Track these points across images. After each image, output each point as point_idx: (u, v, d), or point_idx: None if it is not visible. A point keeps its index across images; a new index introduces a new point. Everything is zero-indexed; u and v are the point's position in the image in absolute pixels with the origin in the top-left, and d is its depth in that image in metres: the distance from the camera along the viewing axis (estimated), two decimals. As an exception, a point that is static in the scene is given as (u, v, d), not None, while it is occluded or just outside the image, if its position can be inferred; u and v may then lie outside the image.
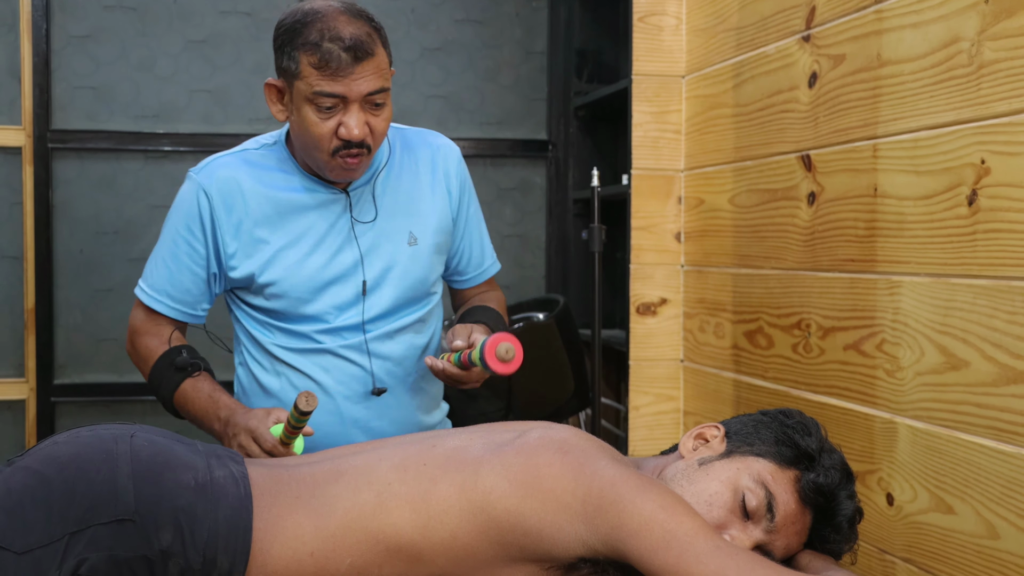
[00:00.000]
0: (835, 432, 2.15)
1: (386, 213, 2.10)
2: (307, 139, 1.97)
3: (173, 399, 2.06)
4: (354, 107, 1.92)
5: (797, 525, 1.63)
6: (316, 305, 2.07)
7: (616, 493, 1.50)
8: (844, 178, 2.16)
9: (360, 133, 1.92)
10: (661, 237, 2.88)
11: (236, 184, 2.04)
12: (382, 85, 1.93)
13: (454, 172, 2.17)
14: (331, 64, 1.87)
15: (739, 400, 2.58)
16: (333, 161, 1.97)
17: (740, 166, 2.58)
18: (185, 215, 2.06)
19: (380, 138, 1.99)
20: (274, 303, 2.07)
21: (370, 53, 1.89)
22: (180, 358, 2.07)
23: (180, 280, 2.07)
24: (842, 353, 2.17)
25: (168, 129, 3.96)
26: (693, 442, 1.72)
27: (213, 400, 2.02)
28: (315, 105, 1.91)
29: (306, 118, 1.93)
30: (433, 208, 2.14)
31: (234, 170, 2.06)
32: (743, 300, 2.57)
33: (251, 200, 2.04)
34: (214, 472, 1.58)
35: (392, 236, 2.09)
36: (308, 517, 1.55)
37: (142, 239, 3.94)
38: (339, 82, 1.89)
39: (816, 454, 1.65)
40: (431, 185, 2.14)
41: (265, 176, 2.06)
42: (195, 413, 2.03)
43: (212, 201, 2.03)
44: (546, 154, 4.27)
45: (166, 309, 2.10)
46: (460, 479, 1.58)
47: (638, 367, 2.88)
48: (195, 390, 2.04)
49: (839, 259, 2.18)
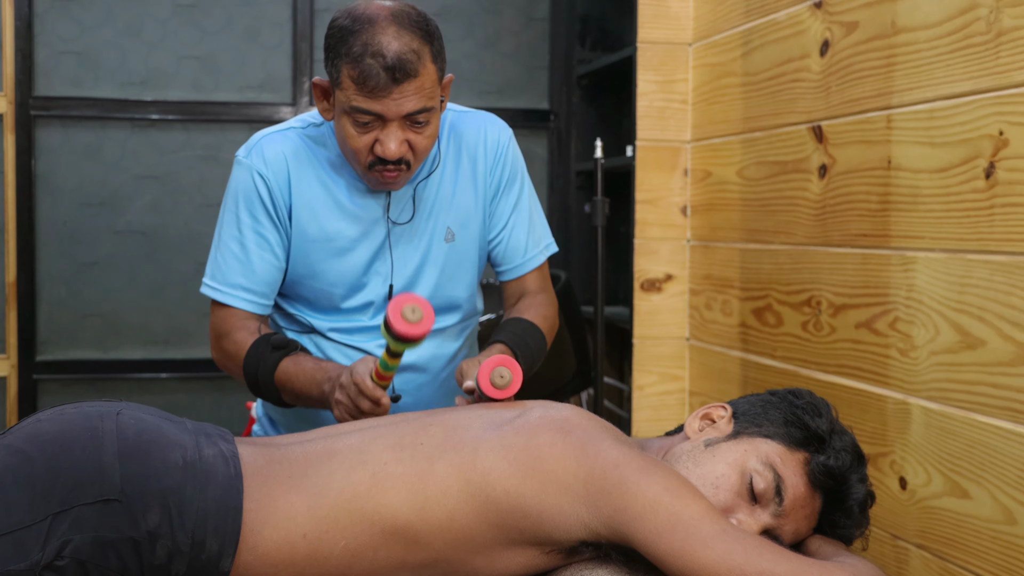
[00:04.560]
0: (846, 413, 2.15)
1: (424, 212, 2.06)
2: (345, 149, 1.96)
3: (274, 378, 1.99)
4: (392, 125, 1.88)
5: (806, 509, 1.63)
6: (336, 305, 2.06)
7: (620, 474, 1.50)
8: (857, 150, 2.15)
9: (396, 152, 1.89)
10: (666, 211, 2.87)
11: (285, 164, 2.02)
12: (424, 105, 1.87)
13: (501, 157, 2.12)
14: (369, 82, 1.83)
15: (747, 380, 2.59)
16: (371, 173, 1.94)
17: (749, 137, 2.57)
18: (246, 201, 2.02)
19: (423, 155, 1.95)
20: (297, 293, 2.07)
21: (412, 74, 1.83)
22: (276, 337, 2.01)
23: (254, 271, 2.03)
24: (854, 331, 2.17)
25: (155, 97, 3.94)
26: (699, 423, 1.72)
27: (320, 367, 1.96)
28: (352, 119, 1.88)
29: (344, 129, 1.91)
30: (476, 202, 2.10)
31: (282, 148, 2.02)
32: (751, 276, 2.57)
33: (295, 184, 2.02)
34: (203, 451, 1.58)
35: (426, 234, 2.07)
36: (301, 497, 1.55)
37: (128, 210, 3.94)
38: (377, 101, 1.85)
39: (826, 436, 1.65)
40: (475, 178, 2.10)
41: (309, 162, 2.03)
42: (300, 387, 1.97)
43: (269, 182, 2.00)
44: (547, 124, 4.26)
45: (246, 304, 2.04)
46: (458, 459, 1.58)
47: (642, 345, 2.88)
48: (297, 364, 1.98)
49: (851, 234, 2.18)
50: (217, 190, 3.93)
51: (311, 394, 1.95)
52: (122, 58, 3.90)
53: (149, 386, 4.01)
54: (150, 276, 3.98)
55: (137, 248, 3.96)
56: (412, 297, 1.71)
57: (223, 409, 4.03)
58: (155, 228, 3.97)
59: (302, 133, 2.05)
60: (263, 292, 2.05)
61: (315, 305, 2.08)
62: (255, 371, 2.00)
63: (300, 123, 2.08)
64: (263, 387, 2.00)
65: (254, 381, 2.01)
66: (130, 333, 3.99)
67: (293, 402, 2.01)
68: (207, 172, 3.98)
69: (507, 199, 2.14)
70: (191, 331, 4.00)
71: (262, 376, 1.99)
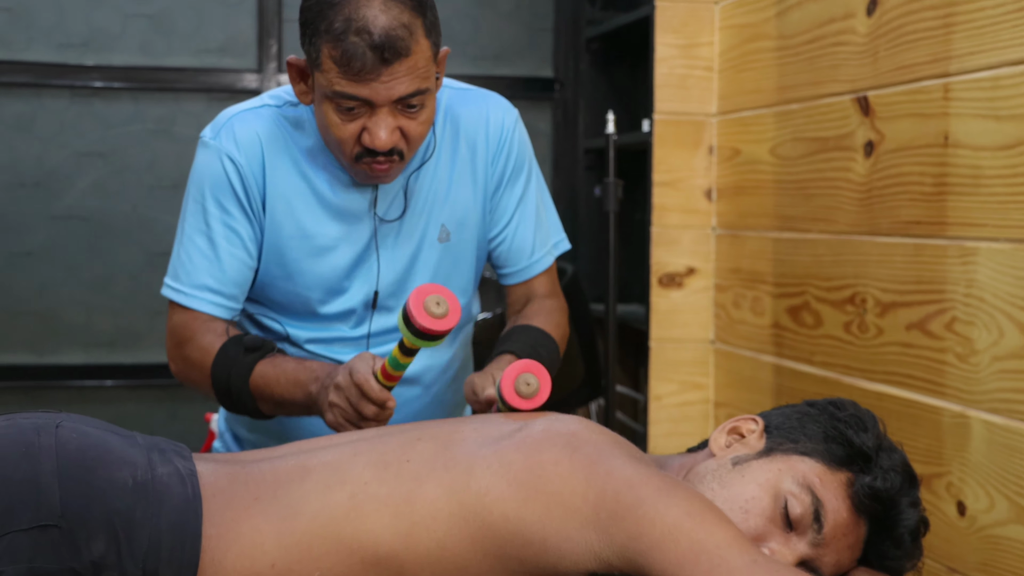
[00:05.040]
0: (895, 427, 2.16)
1: (416, 207, 2.06)
2: (328, 138, 1.95)
3: (249, 384, 1.97)
4: (382, 111, 1.87)
5: (849, 537, 1.64)
6: (313, 310, 2.06)
7: (635, 496, 1.50)
8: (909, 124, 2.16)
9: (388, 141, 1.88)
10: (689, 195, 2.88)
11: (259, 147, 2.01)
12: (417, 87, 1.86)
13: (505, 144, 2.11)
14: (354, 63, 1.82)
15: (780, 389, 2.59)
16: (358, 166, 1.94)
17: (784, 110, 2.58)
18: (214, 189, 2.01)
19: (417, 143, 1.95)
20: (269, 296, 2.07)
21: (403, 53, 1.82)
22: (249, 337, 1.99)
23: (224, 270, 2.02)
24: (904, 333, 2.17)
25: (99, 61, 3.94)
26: (726, 438, 1.73)
27: (304, 366, 1.95)
28: (336, 105, 1.87)
29: (327, 116, 1.90)
30: (475, 196, 2.11)
31: (256, 128, 2.02)
32: (786, 270, 2.57)
33: (270, 171, 2.01)
34: (156, 469, 1.58)
35: (417, 233, 2.07)
36: (269, 522, 1.56)
37: (68, 193, 3.94)
38: (364, 85, 1.84)
39: (872, 453, 1.65)
40: (474, 168, 2.10)
41: (285, 147, 2.03)
42: (282, 391, 1.96)
43: (241, 168, 2.00)
44: (552, 95, 4.27)
45: (213, 307, 2.03)
46: (450, 479, 1.58)
47: (660, 349, 2.89)
48: (276, 366, 1.97)
49: (901, 221, 2.18)
50: (171, 169, 3.94)
51: (295, 399, 1.94)
52: (59, 16, 3.90)
53: (93, 395, 4.02)
54: (93, 268, 3.98)
55: (78, 236, 3.96)
56: (435, 288, 1.73)
57: (179, 421, 4.04)
58: (99, 213, 3.97)
59: (278, 113, 2.04)
60: (232, 294, 2.04)
61: (289, 311, 2.09)
62: (226, 378, 1.98)
63: (275, 100, 2.06)
64: (237, 396, 1.99)
65: (226, 390, 1.99)
66: (70, 334, 3.99)
67: (273, 411, 2.01)
68: (159, 149, 3.98)
69: (511, 193, 2.14)
70: (141, 332, 4.01)
71: (235, 383, 1.98)
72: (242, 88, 3.98)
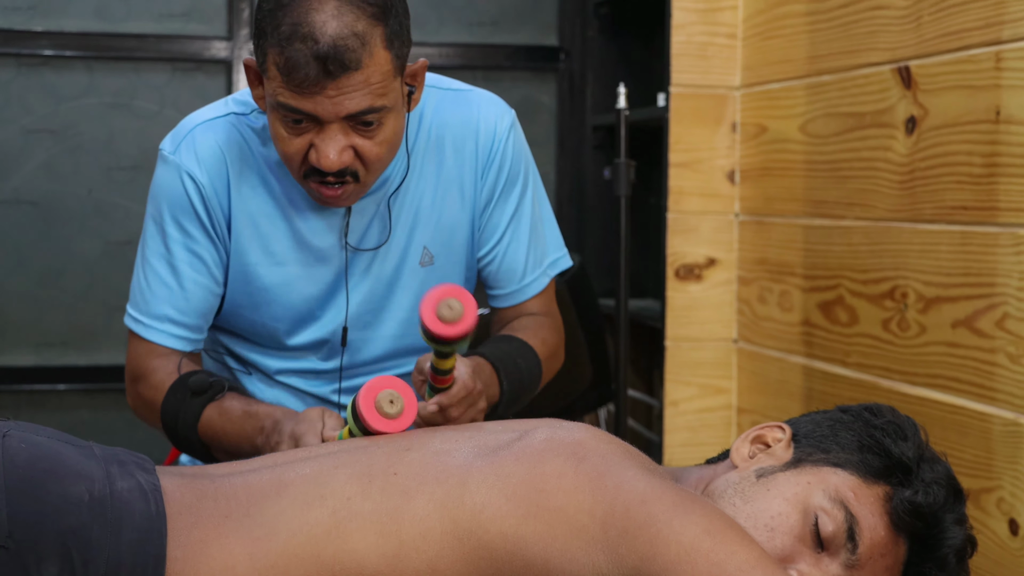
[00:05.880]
0: (939, 436, 2.16)
1: (397, 231, 2.06)
2: (278, 151, 1.93)
3: (198, 432, 2.00)
4: (332, 128, 1.85)
5: (887, 559, 1.64)
6: (281, 342, 2.08)
7: (647, 513, 1.50)
8: (956, 98, 2.16)
9: (336, 162, 1.85)
10: (709, 177, 2.88)
11: (223, 161, 2.01)
12: (370, 104, 1.83)
13: (497, 153, 2.10)
14: (294, 74, 1.79)
15: (811, 393, 2.59)
16: (307, 184, 1.93)
17: (816, 82, 2.58)
18: (173, 210, 2.01)
19: (377, 166, 1.92)
20: (232, 324, 2.08)
21: (351, 66, 1.79)
22: (194, 378, 2.00)
23: (186, 299, 2.03)
24: (950, 332, 2.17)
25: (48, 27, 3.94)
26: (750, 447, 1.73)
27: (250, 414, 1.96)
28: (281, 116, 1.86)
29: (273, 128, 1.89)
30: (463, 212, 2.10)
31: (217, 140, 2.01)
32: (818, 261, 2.58)
33: (235, 188, 2.01)
34: (115, 483, 1.58)
35: (395, 257, 2.06)
36: (241, 542, 1.56)
37: (14, 174, 3.93)
38: (307, 99, 1.81)
39: (913, 464, 1.66)
40: (461, 182, 2.09)
41: (252, 161, 2.02)
42: (230, 441, 1.98)
43: (203, 187, 2.00)
44: (556, 65, 4.26)
45: (172, 340, 2.05)
46: (442, 493, 1.58)
47: (677, 349, 2.89)
48: (223, 413, 1.98)
49: (947, 206, 2.18)
50: (130, 148, 3.93)
51: (242, 448, 1.96)
52: (7, -23, 3.90)
53: (43, 400, 4.01)
54: (44, 259, 3.98)
55: (26, 223, 3.96)
56: (448, 290, 1.70)
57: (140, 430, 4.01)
58: (50, 197, 3.96)
59: (244, 122, 2.04)
60: (195, 324, 2.06)
61: (253, 341, 2.10)
62: (174, 424, 2.02)
63: (242, 107, 2.06)
64: (187, 445, 2.03)
65: (175, 437, 2.03)
66: (17, 333, 3.99)
67: (226, 458, 2.00)
68: (117, 125, 3.97)
69: (503, 208, 2.12)
70: (97, 330, 4.01)
71: (183, 431, 2.01)
72: (210, 58, 3.96)
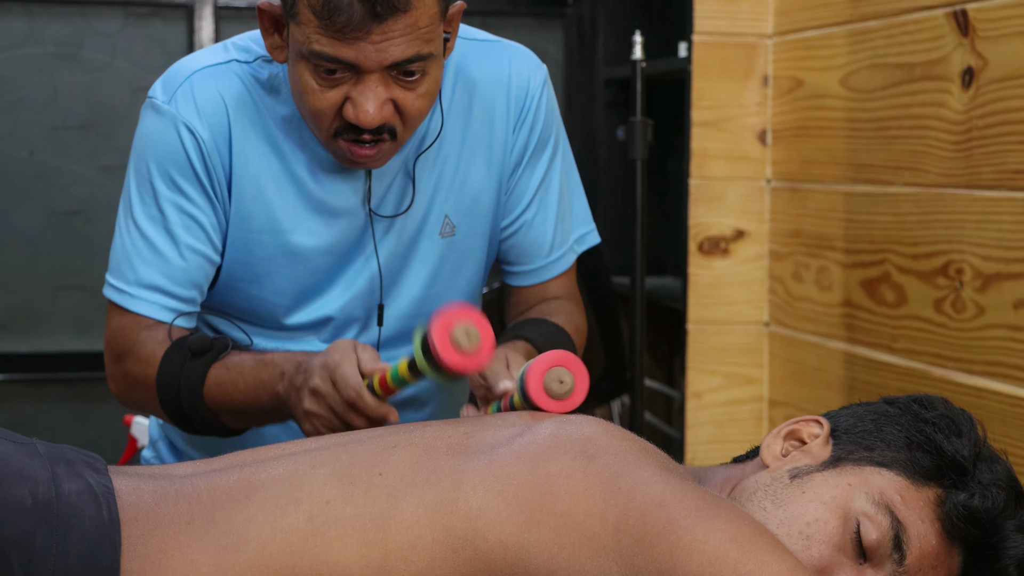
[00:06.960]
0: (999, 432, 2.16)
1: (421, 198, 2.07)
2: (302, 107, 1.94)
3: (203, 393, 1.98)
4: (371, 79, 1.85)
5: (939, 570, 1.64)
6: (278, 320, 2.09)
7: (666, 518, 1.51)
8: (1020, 46, 2.16)
9: (377, 117, 1.87)
10: (737, 138, 2.88)
11: (225, 114, 2.01)
12: (418, 52, 1.84)
13: (530, 111, 2.12)
14: (338, 17, 1.79)
15: (852, 383, 2.60)
16: (336, 144, 1.94)
17: (859, 28, 2.58)
18: (166, 166, 2.01)
19: (415, 121, 1.93)
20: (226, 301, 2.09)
21: (401, 7, 1.79)
22: (194, 338, 1.99)
23: (179, 265, 2.02)
24: (1011, 314, 2.18)
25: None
26: (783, 444, 1.73)
27: (264, 363, 1.96)
28: (313, 67, 1.86)
29: (302, 80, 1.89)
30: (489, 176, 2.11)
31: (220, 89, 2.01)
32: (861, 233, 2.58)
33: (237, 144, 2.02)
34: (62, 485, 1.58)
35: (413, 226, 2.08)
36: (205, 552, 1.56)
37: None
38: (350, 45, 1.82)
39: (969, 464, 1.66)
40: (490, 142, 2.10)
41: (257, 115, 2.02)
42: (244, 399, 1.97)
43: (203, 140, 2.00)
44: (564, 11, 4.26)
45: (160, 311, 2.03)
46: (433, 496, 1.59)
47: (700, 334, 2.90)
48: (232, 368, 1.97)
49: (1009, 170, 2.19)
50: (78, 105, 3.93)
51: (260, 404, 1.95)
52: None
53: (-22, 395, 4.03)
54: (-21, 232, 3.99)
55: (-40, 191, 3.97)
56: (465, 313, 1.71)
57: (90, 426, 4.04)
58: (-14, 161, 3.98)
59: (248, 70, 2.04)
60: (187, 296, 2.05)
61: (247, 320, 2.11)
62: (175, 393, 2.00)
63: (244, 54, 2.05)
64: (193, 413, 2.00)
65: (177, 408, 2.01)
66: (-50, 315, 4.00)
67: (240, 424, 2.02)
68: (63, 79, 3.97)
69: (532, 173, 2.15)
70: (41, 312, 4.01)
71: (187, 398, 1.99)
72: (168, 2, 3.96)
